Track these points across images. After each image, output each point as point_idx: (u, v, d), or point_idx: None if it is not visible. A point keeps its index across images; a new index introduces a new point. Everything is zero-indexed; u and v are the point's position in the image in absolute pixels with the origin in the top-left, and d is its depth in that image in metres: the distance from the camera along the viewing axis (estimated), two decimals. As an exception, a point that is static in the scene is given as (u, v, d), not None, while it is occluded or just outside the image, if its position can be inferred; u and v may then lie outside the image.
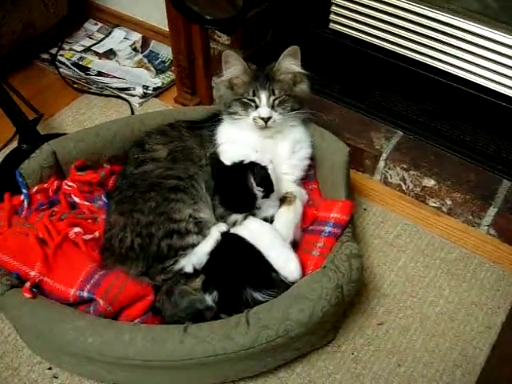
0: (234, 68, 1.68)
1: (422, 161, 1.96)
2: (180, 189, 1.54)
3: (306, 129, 1.75)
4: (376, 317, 1.68)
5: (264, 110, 1.63)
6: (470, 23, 1.72)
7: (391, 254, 1.84)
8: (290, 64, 1.67)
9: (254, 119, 1.64)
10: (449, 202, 1.92)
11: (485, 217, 1.88)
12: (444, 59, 1.82)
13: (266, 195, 1.54)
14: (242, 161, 1.56)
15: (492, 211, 1.85)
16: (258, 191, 1.53)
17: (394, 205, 1.99)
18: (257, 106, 1.65)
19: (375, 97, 2.16)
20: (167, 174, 1.57)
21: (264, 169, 1.53)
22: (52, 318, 1.39)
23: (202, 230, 1.51)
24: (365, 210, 1.96)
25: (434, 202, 1.95)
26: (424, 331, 1.65)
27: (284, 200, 1.61)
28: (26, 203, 1.68)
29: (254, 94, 1.65)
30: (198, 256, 1.49)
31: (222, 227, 1.53)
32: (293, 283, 1.46)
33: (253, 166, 1.53)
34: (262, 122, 1.63)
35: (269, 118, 1.63)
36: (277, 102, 1.65)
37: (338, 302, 1.41)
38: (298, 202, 1.62)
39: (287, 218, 1.58)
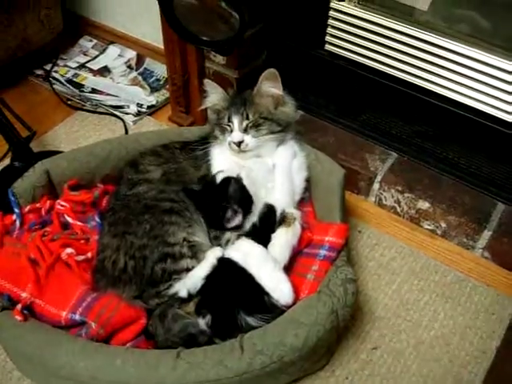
0: (213, 96, 1.74)
1: (416, 183, 1.96)
2: (174, 211, 1.52)
3: (298, 149, 1.75)
4: (370, 341, 1.66)
5: (235, 135, 1.66)
6: (464, 46, 1.72)
7: (385, 276, 1.83)
8: (268, 87, 1.68)
9: (229, 144, 1.67)
10: (443, 225, 1.92)
11: (479, 239, 1.87)
12: (438, 82, 1.82)
13: (246, 212, 1.56)
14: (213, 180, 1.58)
15: (486, 234, 1.85)
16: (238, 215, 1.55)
17: (388, 227, 1.98)
18: (232, 131, 1.67)
19: (370, 118, 2.15)
20: (161, 197, 1.56)
21: (238, 184, 1.55)
22: (43, 342, 1.37)
23: (196, 253, 1.50)
24: (359, 232, 1.95)
25: (429, 225, 1.95)
26: (419, 356, 1.64)
27: (283, 220, 1.60)
28: (18, 223, 1.65)
29: (229, 120, 1.67)
30: (192, 281, 1.47)
31: (218, 252, 1.51)
32: (285, 307, 1.44)
33: (227, 183, 1.55)
34: (235, 147, 1.65)
35: (240, 142, 1.64)
36: (250, 125, 1.66)
37: (332, 326, 1.40)
38: (298, 224, 1.61)
39: (286, 239, 1.57)
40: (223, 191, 1.54)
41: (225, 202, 1.54)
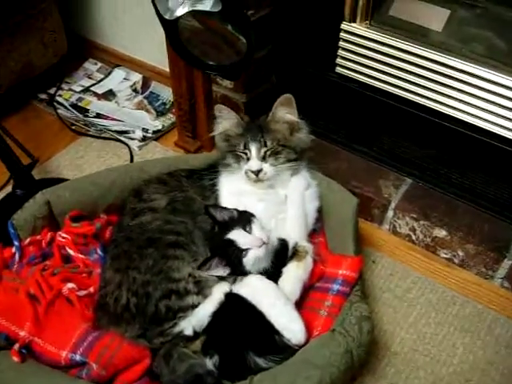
0: (226, 122, 1.67)
1: (432, 210, 1.89)
2: (179, 245, 1.47)
3: (310, 178, 1.69)
4: (386, 378, 1.58)
5: (253, 163, 1.59)
6: (481, 68, 1.67)
7: (401, 309, 1.75)
8: (284, 113, 1.63)
9: (246, 172, 1.60)
10: (461, 254, 1.84)
11: (499, 269, 1.80)
12: (453, 104, 1.77)
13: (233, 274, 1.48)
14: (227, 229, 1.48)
15: (506, 263, 1.77)
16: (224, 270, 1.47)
17: (403, 256, 1.91)
18: (248, 159, 1.60)
19: (383, 143, 2.10)
20: (166, 229, 1.50)
21: (238, 252, 1.44)
22: (41, 385, 1.31)
23: (202, 289, 1.43)
24: (373, 262, 1.88)
25: (446, 254, 1.88)
26: (437, 394, 1.56)
27: (295, 254, 1.53)
28: (17, 256, 1.60)
29: (245, 147, 1.61)
30: (198, 318, 1.41)
31: (225, 287, 1.45)
32: (297, 346, 1.37)
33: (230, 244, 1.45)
34: (253, 176, 1.59)
35: (259, 171, 1.58)
36: (268, 153, 1.60)
37: (347, 367, 1.33)
38: (309, 258, 1.54)
39: (297, 274, 1.50)
40: (227, 247, 1.46)
41: (220, 251, 1.46)
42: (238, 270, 1.45)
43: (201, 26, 1.62)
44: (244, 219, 1.48)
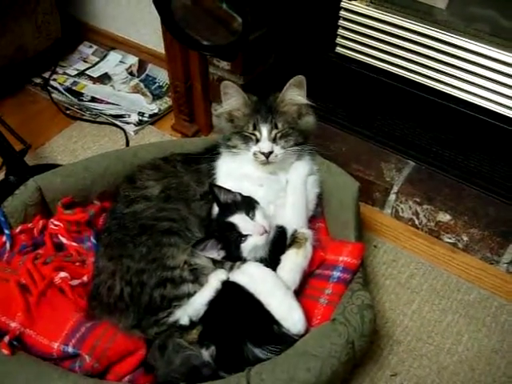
0: (233, 100, 1.59)
1: (435, 194, 1.86)
2: (174, 232, 1.42)
3: (313, 164, 1.64)
4: (389, 367, 1.55)
5: (265, 144, 1.53)
6: (486, 47, 1.64)
7: (404, 296, 1.72)
8: (295, 95, 1.57)
9: (255, 154, 1.54)
10: (465, 238, 1.81)
11: (504, 254, 1.77)
12: (457, 85, 1.74)
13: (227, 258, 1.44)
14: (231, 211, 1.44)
15: (512, 248, 1.74)
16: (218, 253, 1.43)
17: (406, 241, 1.88)
18: (257, 140, 1.55)
19: (385, 124, 2.05)
20: (160, 216, 1.46)
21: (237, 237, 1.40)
22: (32, 379, 1.26)
23: (198, 277, 1.40)
24: (375, 247, 1.84)
25: (450, 238, 1.84)
26: (441, 383, 1.53)
27: (294, 241, 1.49)
28: (8, 245, 1.55)
29: (255, 128, 1.55)
30: (194, 307, 1.37)
31: (222, 275, 1.40)
32: (296, 336, 1.32)
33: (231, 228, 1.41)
34: (262, 157, 1.53)
35: (270, 153, 1.53)
36: (279, 135, 1.55)
37: (348, 358, 1.29)
38: (309, 245, 1.49)
39: (296, 262, 1.45)
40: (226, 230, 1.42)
41: (217, 233, 1.42)
42: (234, 255, 1.41)
43: (195, 5, 1.56)
44: (248, 205, 1.45)
